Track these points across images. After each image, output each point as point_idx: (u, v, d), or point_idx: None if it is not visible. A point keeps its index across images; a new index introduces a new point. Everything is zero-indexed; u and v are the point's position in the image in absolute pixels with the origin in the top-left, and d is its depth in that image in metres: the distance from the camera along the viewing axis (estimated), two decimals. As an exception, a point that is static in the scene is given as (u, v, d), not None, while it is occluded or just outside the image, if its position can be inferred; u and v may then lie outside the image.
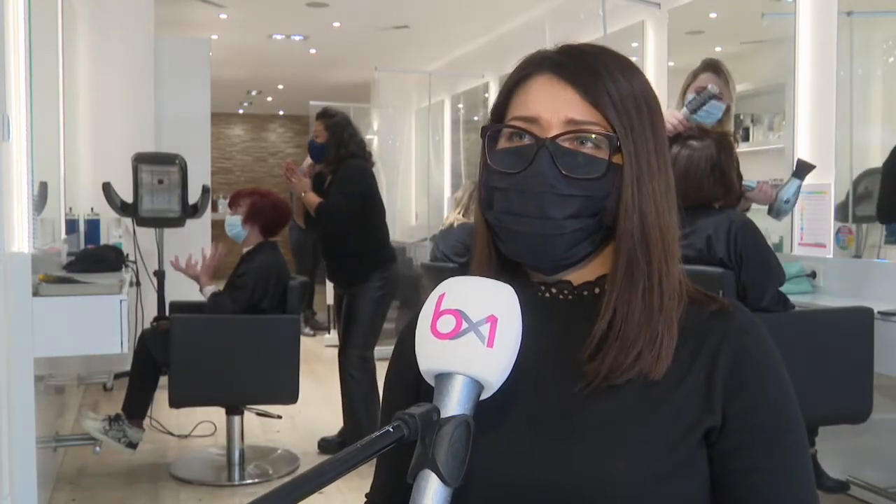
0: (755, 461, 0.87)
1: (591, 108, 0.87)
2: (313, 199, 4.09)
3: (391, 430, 0.72)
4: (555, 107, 0.88)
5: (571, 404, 0.87)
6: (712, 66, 3.18)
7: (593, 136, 0.87)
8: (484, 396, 0.79)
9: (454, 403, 0.76)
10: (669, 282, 0.89)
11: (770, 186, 3.18)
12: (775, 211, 3.10)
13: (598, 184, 0.87)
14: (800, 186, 3.09)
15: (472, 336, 0.77)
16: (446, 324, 0.78)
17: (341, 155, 4.09)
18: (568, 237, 0.88)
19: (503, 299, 0.80)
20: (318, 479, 0.66)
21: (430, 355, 0.78)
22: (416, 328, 0.99)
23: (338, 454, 0.69)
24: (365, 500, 1.03)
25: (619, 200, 0.88)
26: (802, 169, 3.11)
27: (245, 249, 4.09)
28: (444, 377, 0.77)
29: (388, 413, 1.02)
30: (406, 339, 1.01)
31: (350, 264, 4.13)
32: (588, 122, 0.87)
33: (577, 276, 0.92)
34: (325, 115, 4.21)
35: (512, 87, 0.93)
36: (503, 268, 0.94)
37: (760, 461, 0.87)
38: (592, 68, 0.89)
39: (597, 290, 0.92)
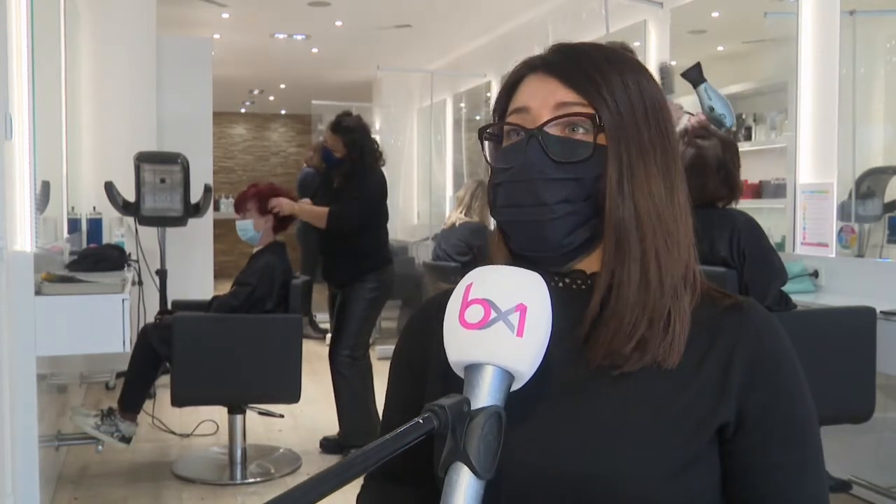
0: (774, 457, 0.87)
1: (576, 94, 0.90)
2: (313, 208, 4.13)
3: (421, 421, 0.70)
4: (543, 96, 0.91)
5: (585, 394, 0.88)
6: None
7: (579, 119, 0.89)
8: (515, 387, 0.78)
9: (485, 394, 0.75)
10: (670, 263, 0.89)
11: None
12: (717, 123, 3.07)
13: (587, 166, 0.88)
14: (706, 88, 3.06)
15: (502, 325, 0.76)
16: (475, 314, 0.77)
17: (356, 168, 4.10)
18: (562, 221, 0.88)
19: (532, 287, 0.79)
20: (346, 472, 0.65)
21: (460, 346, 0.77)
22: (425, 316, 1.00)
23: (364, 448, 0.67)
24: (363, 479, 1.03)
25: (607, 180, 0.89)
26: (691, 75, 3.08)
27: (255, 249, 4.09)
28: (473, 368, 0.76)
29: (393, 400, 1.02)
30: (415, 325, 1.02)
31: (346, 263, 4.14)
32: (575, 105, 0.89)
33: (590, 264, 0.93)
34: (344, 130, 4.13)
35: (508, 88, 0.96)
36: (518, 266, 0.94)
37: (779, 457, 0.87)
38: (577, 60, 0.92)
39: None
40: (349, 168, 4.11)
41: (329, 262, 4.30)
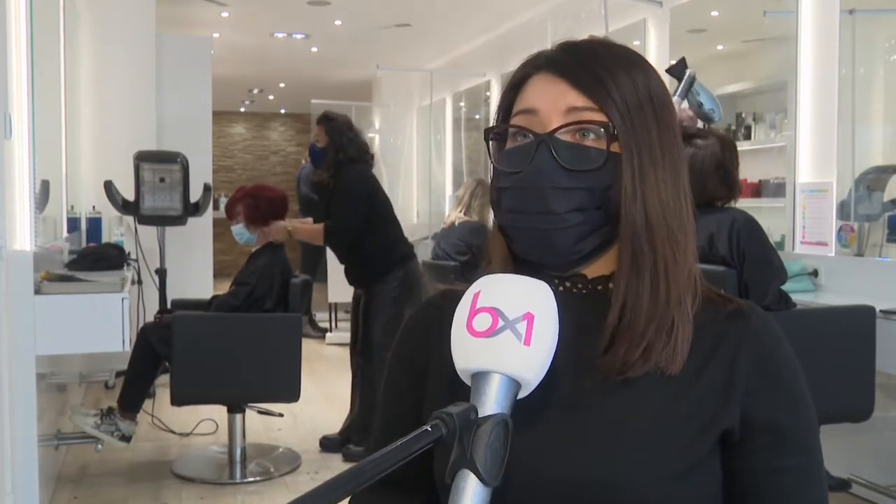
0: (776, 462, 0.87)
1: (587, 98, 0.87)
2: (308, 227, 4.15)
3: (429, 429, 0.70)
4: (552, 99, 0.88)
5: (587, 399, 0.88)
6: None
7: (592, 126, 0.87)
8: (522, 395, 0.78)
9: (492, 402, 0.75)
10: (677, 273, 0.88)
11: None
12: (706, 118, 3.06)
13: (599, 175, 0.87)
14: (691, 84, 3.04)
15: (509, 334, 0.76)
16: (482, 322, 0.77)
17: (340, 160, 4.08)
18: (572, 231, 0.87)
19: (539, 296, 0.79)
20: (357, 479, 0.65)
21: (467, 354, 0.78)
22: (423, 316, 0.99)
23: (374, 455, 0.68)
24: None
25: (621, 190, 0.87)
26: (676, 70, 3.05)
27: (253, 249, 4.08)
28: (480, 376, 0.77)
29: (392, 399, 1.02)
30: (414, 325, 1.01)
31: (365, 265, 4.11)
32: (585, 110, 0.87)
33: (593, 269, 0.92)
34: (325, 119, 4.18)
35: (513, 87, 0.94)
36: (518, 269, 0.93)
37: (781, 462, 0.87)
38: (586, 62, 0.89)
39: (611, 285, 0.92)
40: (333, 159, 4.09)
41: (347, 269, 4.28)
